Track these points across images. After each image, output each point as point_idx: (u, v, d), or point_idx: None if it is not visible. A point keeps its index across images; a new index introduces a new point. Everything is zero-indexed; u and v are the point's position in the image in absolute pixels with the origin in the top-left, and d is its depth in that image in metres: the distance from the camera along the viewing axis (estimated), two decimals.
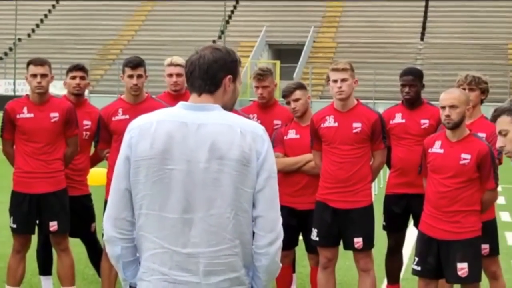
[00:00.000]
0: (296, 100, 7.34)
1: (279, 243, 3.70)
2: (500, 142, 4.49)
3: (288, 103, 7.41)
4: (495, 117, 4.51)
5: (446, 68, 40.37)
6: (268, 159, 3.64)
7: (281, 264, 3.80)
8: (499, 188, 6.80)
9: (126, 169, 3.67)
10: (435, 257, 6.34)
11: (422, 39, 48.03)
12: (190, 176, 3.58)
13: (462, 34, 47.01)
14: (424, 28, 48.88)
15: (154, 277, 3.66)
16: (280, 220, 3.71)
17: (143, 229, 3.66)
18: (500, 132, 4.48)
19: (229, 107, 3.78)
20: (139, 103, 7.32)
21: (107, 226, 3.74)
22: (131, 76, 7.30)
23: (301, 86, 7.43)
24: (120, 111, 7.38)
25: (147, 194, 3.62)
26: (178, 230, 3.60)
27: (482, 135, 6.55)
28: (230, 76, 3.71)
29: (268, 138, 3.69)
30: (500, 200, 15.20)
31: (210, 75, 3.67)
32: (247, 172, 3.59)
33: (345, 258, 8.46)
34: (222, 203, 3.58)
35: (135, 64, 7.31)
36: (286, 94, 7.37)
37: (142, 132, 3.64)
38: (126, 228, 3.71)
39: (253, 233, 3.68)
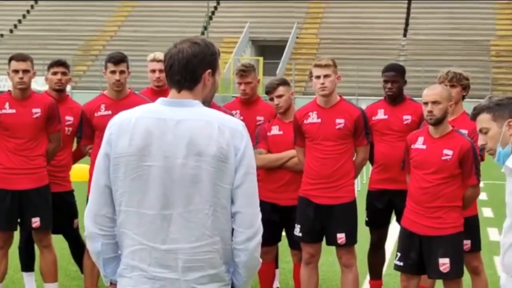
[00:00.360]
0: (279, 96, 7.34)
1: (258, 238, 3.69)
2: (481, 140, 4.51)
3: (272, 99, 7.41)
4: (474, 115, 4.52)
5: (429, 64, 40.44)
6: (247, 155, 3.63)
7: (261, 260, 3.79)
8: (482, 184, 6.83)
9: (106, 166, 3.66)
10: (417, 252, 6.37)
11: (405, 35, 48.08)
12: (168, 173, 3.57)
13: (444, 30, 47.09)
14: (407, 24, 48.94)
15: (134, 273, 3.65)
16: (259, 216, 3.70)
17: (123, 226, 3.66)
18: (480, 130, 4.49)
19: (208, 100, 3.77)
20: (121, 99, 7.31)
21: (88, 222, 3.73)
22: (113, 72, 7.29)
23: (284, 82, 7.44)
24: (102, 106, 7.36)
25: (126, 191, 3.62)
26: (157, 227, 3.59)
27: (465, 131, 6.59)
28: (209, 70, 3.68)
29: (247, 133, 3.67)
30: (482, 196, 15.27)
31: (189, 70, 3.64)
32: (225, 168, 3.58)
33: (328, 254, 8.48)
34: (201, 199, 3.57)
35: (118, 60, 7.30)
36: (269, 90, 7.37)
37: (121, 129, 3.63)
38: (106, 224, 3.70)
39: (233, 229, 3.68)
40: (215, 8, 51.52)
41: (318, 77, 6.94)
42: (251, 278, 3.81)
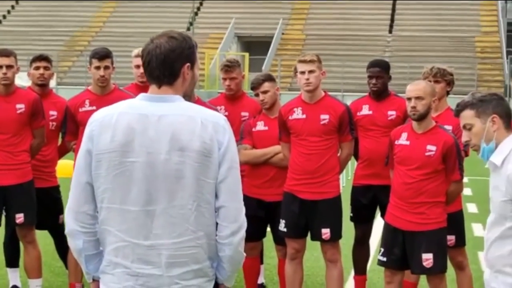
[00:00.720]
0: (265, 92, 7.34)
1: (243, 233, 3.68)
2: (465, 136, 4.52)
3: (257, 95, 7.41)
4: (458, 112, 4.53)
5: (414, 60, 40.49)
6: (230, 149, 3.62)
7: (245, 254, 3.79)
8: (466, 180, 6.88)
9: (87, 162, 3.64)
10: (401, 248, 6.39)
11: (390, 31, 48.14)
12: (151, 168, 3.55)
13: (430, 27, 47.17)
14: (392, 20, 49.00)
15: (117, 270, 3.64)
16: (243, 210, 3.70)
17: (105, 223, 3.64)
18: (464, 127, 4.50)
19: (188, 93, 3.76)
20: (106, 95, 7.30)
21: (68, 219, 3.71)
22: (98, 68, 7.28)
23: (269, 78, 7.44)
24: (87, 102, 7.35)
25: (108, 188, 3.59)
26: (140, 223, 3.57)
27: (449, 127, 6.60)
28: (188, 64, 3.66)
29: (229, 128, 3.67)
30: (467, 191, 15.32)
31: (167, 65, 3.62)
32: (209, 163, 3.57)
33: (312, 249, 8.50)
34: (184, 195, 3.56)
35: (102, 55, 7.29)
36: (255, 86, 7.37)
37: (103, 125, 3.61)
38: (87, 221, 3.68)
39: (217, 224, 3.67)
40: (201, 4, 51.46)
41: (302, 72, 6.95)
42: (235, 272, 3.81)
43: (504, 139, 4.41)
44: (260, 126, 7.40)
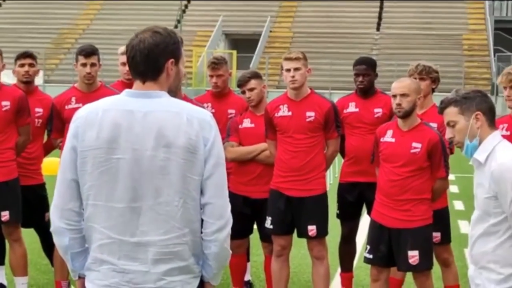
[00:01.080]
0: (251, 89, 7.34)
1: (228, 229, 3.68)
2: (449, 133, 4.53)
3: (243, 92, 7.41)
4: (442, 109, 4.54)
5: (402, 58, 40.54)
6: (216, 145, 3.61)
7: (231, 251, 3.78)
8: (453, 177, 6.91)
9: (72, 159, 3.62)
10: (387, 245, 6.39)
11: (378, 29, 48.21)
12: (137, 165, 3.54)
13: (417, 24, 47.25)
14: (380, 18, 49.06)
15: (103, 267, 3.63)
16: (229, 206, 3.69)
17: (91, 220, 3.63)
18: (448, 124, 4.51)
19: (174, 89, 3.75)
20: (92, 92, 7.28)
21: (54, 216, 3.70)
22: (84, 65, 7.26)
23: (256, 76, 7.43)
24: (73, 99, 7.34)
25: (94, 185, 3.58)
26: (126, 220, 3.57)
27: (434, 124, 6.61)
28: (172, 59, 3.65)
29: (215, 124, 3.65)
30: (454, 189, 15.36)
31: (151, 60, 3.60)
32: (195, 159, 3.56)
33: (299, 247, 8.50)
34: (170, 191, 3.55)
35: (89, 52, 7.27)
36: (241, 83, 7.37)
37: (88, 122, 3.59)
38: (73, 218, 3.67)
39: (202, 220, 3.66)
40: (188, 1, 51.39)
41: (288, 70, 6.96)
42: (221, 270, 3.80)
43: (488, 136, 4.42)
44: (247, 123, 7.40)
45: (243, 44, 47.29)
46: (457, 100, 4.46)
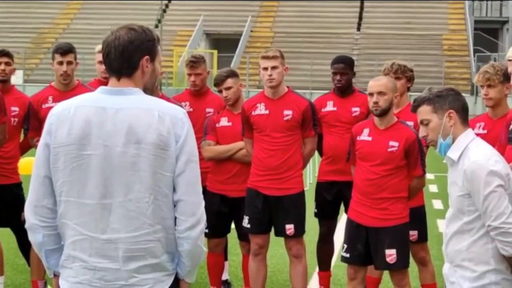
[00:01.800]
0: (228, 88, 7.33)
1: (201, 227, 3.66)
2: (422, 131, 4.54)
3: (220, 91, 7.40)
4: (415, 107, 4.55)
5: (382, 58, 40.59)
6: (188, 142, 3.60)
7: (205, 249, 3.78)
8: (432, 177, 6.92)
9: (46, 156, 3.63)
10: (364, 244, 6.39)
11: (358, 29, 48.35)
12: (108, 161, 3.54)
13: (397, 25, 47.42)
14: (360, 18, 49.20)
15: (75, 264, 3.63)
16: (202, 204, 3.67)
17: (64, 217, 3.63)
18: (421, 122, 4.52)
19: (149, 87, 3.74)
20: (69, 91, 7.24)
21: (28, 213, 3.70)
22: (60, 63, 7.23)
23: (232, 74, 7.42)
24: (50, 98, 7.30)
25: (66, 181, 3.59)
26: (97, 216, 3.56)
27: (410, 123, 6.61)
28: (147, 56, 3.64)
29: (188, 121, 3.64)
30: (433, 188, 15.41)
31: (126, 57, 3.61)
32: (166, 156, 3.56)
33: (278, 246, 8.50)
34: (141, 188, 3.54)
35: (65, 50, 7.24)
36: (218, 82, 7.36)
37: (61, 119, 3.60)
38: (47, 215, 3.67)
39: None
40: (169, 1, 51.34)
41: (265, 68, 6.95)
42: (196, 267, 3.79)
43: (461, 134, 4.43)
44: (224, 122, 7.40)
45: (224, 43, 47.31)
46: (430, 99, 4.47)
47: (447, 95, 4.46)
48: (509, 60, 5.39)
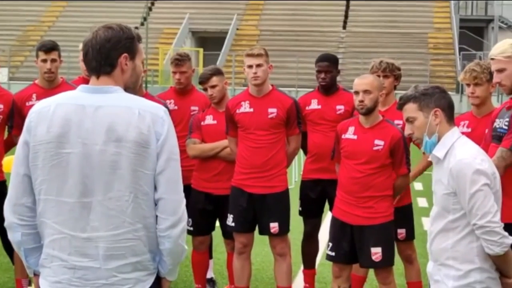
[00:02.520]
0: (213, 86, 7.32)
1: (183, 225, 3.65)
2: (408, 129, 4.54)
3: (205, 89, 7.39)
4: (401, 105, 4.55)
5: (368, 56, 40.64)
6: (169, 140, 3.59)
7: (186, 247, 3.76)
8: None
9: (25, 154, 3.62)
10: (349, 242, 6.39)
11: (344, 27, 48.37)
12: (87, 160, 3.52)
13: (383, 23, 47.47)
14: (346, 17, 49.23)
15: (54, 263, 3.60)
16: (183, 202, 3.66)
17: (43, 215, 3.61)
18: (407, 120, 4.52)
19: (131, 85, 3.72)
20: (53, 88, 7.22)
21: (7, 212, 3.68)
22: (44, 61, 7.21)
23: (217, 72, 7.40)
24: (34, 96, 7.28)
25: (45, 179, 3.57)
26: (76, 215, 3.54)
27: (398, 122, 6.60)
28: (125, 54, 3.64)
29: (169, 119, 3.63)
30: (418, 186, 15.45)
31: (103, 55, 3.61)
32: (146, 154, 3.54)
33: (263, 245, 8.50)
34: (120, 186, 3.52)
35: (49, 48, 7.22)
36: (203, 80, 7.34)
37: (40, 117, 3.59)
38: (26, 214, 3.65)
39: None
40: None
41: (250, 66, 6.94)
42: (177, 266, 3.77)
43: (447, 132, 4.43)
44: (209, 120, 7.38)
45: (210, 41, 47.25)
46: (416, 97, 4.47)
47: (433, 93, 4.46)
48: (492, 59, 5.40)
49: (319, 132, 7.49)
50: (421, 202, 13.75)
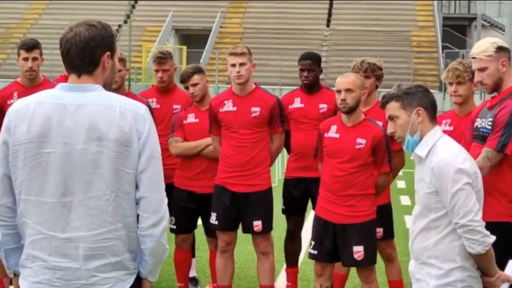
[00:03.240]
0: (195, 84, 7.31)
1: (164, 224, 3.64)
2: (390, 128, 4.55)
3: (187, 88, 7.37)
4: (384, 104, 4.56)
5: (351, 54, 40.66)
6: (150, 139, 3.57)
7: (168, 247, 3.74)
8: (400, 173, 6.94)
9: (4, 154, 3.58)
10: (331, 240, 6.39)
11: (328, 25, 48.40)
12: (68, 159, 3.49)
13: (367, 21, 47.52)
14: (330, 15, 49.26)
15: (35, 264, 3.58)
16: (165, 201, 3.64)
17: (23, 215, 3.58)
18: (390, 118, 4.53)
19: (109, 83, 3.70)
20: (35, 86, 7.20)
21: None
22: (26, 59, 7.20)
23: (199, 70, 7.40)
24: (15, 94, 7.26)
25: (25, 179, 3.54)
26: (57, 215, 3.52)
27: (379, 122, 6.60)
28: (108, 52, 3.61)
29: (150, 117, 3.62)
30: (401, 184, 15.49)
31: (88, 54, 3.57)
32: (128, 153, 3.52)
33: (246, 243, 8.50)
34: (101, 185, 3.50)
35: (30, 46, 7.20)
36: (184, 79, 7.34)
37: (19, 116, 3.55)
38: (5, 214, 3.63)
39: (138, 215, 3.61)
40: None
41: (233, 65, 6.94)
42: (159, 266, 3.75)
43: (429, 131, 4.44)
44: (191, 118, 7.37)
45: (193, 39, 47.18)
46: (399, 95, 4.48)
47: (415, 92, 4.47)
48: (473, 58, 5.41)
49: (302, 130, 7.49)
50: (404, 200, 13.77)
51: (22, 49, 7.19)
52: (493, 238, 4.31)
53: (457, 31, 49.25)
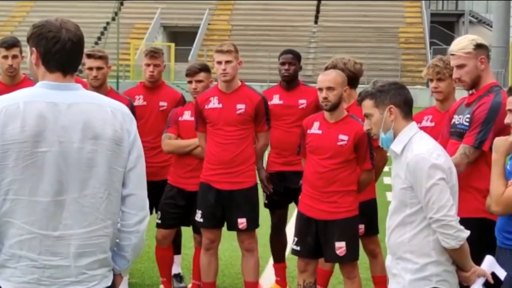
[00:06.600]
0: (199, 81, 7.35)
1: (147, 220, 3.71)
2: (366, 125, 4.59)
3: (190, 82, 7.37)
4: (359, 101, 4.60)
5: (339, 51, 40.71)
6: (138, 138, 3.67)
7: (146, 242, 3.80)
8: (387, 169, 6.94)
9: None
10: (314, 237, 6.42)
11: (316, 22, 48.48)
12: (64, 158, 3.49)
13: (355, 18, 47.62)
14: (318, 11, 49.34)
15: (21, 263, 3.52)
16: (147, 198, 3.73)
17: (8, 215, 3.50)
18: (365, 115, 4.57)
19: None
20: (16, 84, 7.21)
21: None
22: (6, 57, 7.25)
23: (206, 69, 7.45)
24: None
25: (16, 179, 3.46)
26: (49, 214, 3.49)
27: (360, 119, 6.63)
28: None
29: (133, 116, 3.72)
30: (387, 180, 15.49)
31: (80, 54, 3.63)
32: (120, 151, 3.58)
33: (231, 240, 8.51)
34: (96, 183, 3.53)
35: (10, 44, 7.24)
36: (191, 73, 7.36)
37: (8, 115, 3.46)
38: None
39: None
40: None
41: (219, 62, 6.96)
42: (133, 262, 3.81)
43: (403, 128, 4.48)
44: (187, 116, 7.40)
45: (182, 36, 47.20)
46: (373, 93, 4.52)
47: (388, 90, 4.50)
48: (452, 55, 5.44)
49: (281, 127, 7.51)
50: (390, 196, 13.78)
51: (2, 47, 7.23)
52: (467, 233, 4.36)
53: (445, 27, 49.39)
